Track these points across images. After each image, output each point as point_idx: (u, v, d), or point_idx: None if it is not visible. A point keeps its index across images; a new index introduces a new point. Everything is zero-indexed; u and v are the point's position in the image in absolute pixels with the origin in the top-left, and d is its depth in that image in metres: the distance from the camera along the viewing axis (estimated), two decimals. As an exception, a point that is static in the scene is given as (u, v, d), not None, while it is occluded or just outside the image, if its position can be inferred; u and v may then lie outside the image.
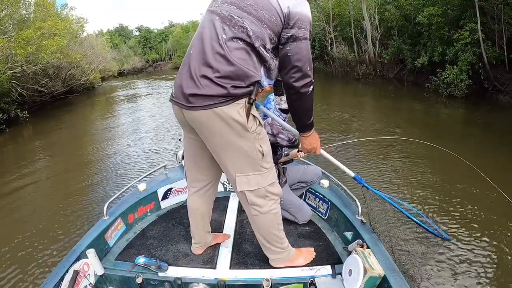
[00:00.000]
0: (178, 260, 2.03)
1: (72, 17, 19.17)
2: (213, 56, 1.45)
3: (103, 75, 27.53)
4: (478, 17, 9.37)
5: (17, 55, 10.60)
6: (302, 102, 1.60)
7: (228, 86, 1.44)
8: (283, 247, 1.89)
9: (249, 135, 1.56)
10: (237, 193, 1.75)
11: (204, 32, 1.52)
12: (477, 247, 3.09)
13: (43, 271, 3.22)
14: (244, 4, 1.48)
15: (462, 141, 6.37)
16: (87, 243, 2.00)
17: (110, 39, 48.71)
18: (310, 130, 1.76)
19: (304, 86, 1.53)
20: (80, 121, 12.36)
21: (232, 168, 1.64)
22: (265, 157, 1.64)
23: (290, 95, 1.59)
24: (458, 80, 9.59)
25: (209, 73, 1.44)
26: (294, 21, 1.47)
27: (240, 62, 1.44)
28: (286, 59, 1.51)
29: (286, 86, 1.58)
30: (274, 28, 1.48)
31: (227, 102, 1.46)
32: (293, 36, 1.48)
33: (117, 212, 2.34)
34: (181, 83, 1.53)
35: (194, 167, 1.89)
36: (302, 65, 1.49)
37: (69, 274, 1.77)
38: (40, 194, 5.34)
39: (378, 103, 11.08)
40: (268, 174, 1.68)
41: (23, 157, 7.79)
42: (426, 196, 4.05)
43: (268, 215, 1.75)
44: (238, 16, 1.47)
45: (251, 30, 1.45)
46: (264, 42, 1.48)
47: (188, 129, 1.70)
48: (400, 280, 1.61)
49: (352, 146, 5.86)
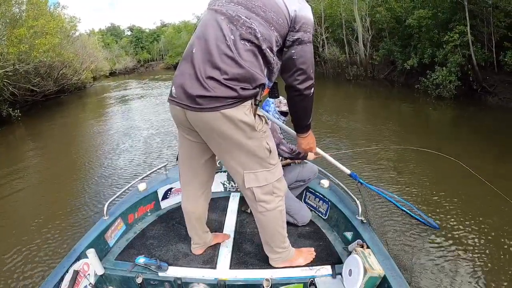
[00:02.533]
0: (178, 260, 2.03)
1: (64, 15, 19.01)
2: (220, 58, 1.42)
3: (95, 75, 27.27)
4: (468, 19, 9.55)
5: (10, 54, 10.50)
6: (305, 103, 1.63)
7: (238, 88, 1.43)
8: (285, 247, 1.90)
9: (257, 134, 1.57)
10: (243, 191, 1.73)
11: (208, 31, 1.49)
12: (465, 236, 3.21)
13: (42, 270, 3.19)
14: (252, 5, 1.47)
15: (453, 141, 6.51)
16: (87, 243, 1.99)
17: (101, 38, 48.37)
18: (308, 131, 1.82)
19: (308, 88, 1.57)
20: (72, 121, 12.28)
21: (240, 166, 1.64)
22: (272, 154, 1.66)
23: (293, 96, 1.61)
24: (447, 81, 9.76)
25: (217, 74, 1.42)
26: (300, 25, 1.49)
27: (249, 65, 1.44)
28: (290, 62, 1.54)
29: (289, 88, 1.60)
30: (280, 31, 1.49)
31: (236, 103, 1.45)
32: (299, 40, 1.50)
33: (117, 212, 2.34)
34: (183, 83, 1.50)
35: (189, 170, 1.87)
36: (306, 67, 1.53)
37: (69, 274, 1.77)
38: (36, 194, 5.33)
39: (369, 103, 11.23)
40: (275, 170, 1.70)
41: (16, 156, 7.75)
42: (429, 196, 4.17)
43: (274, 212, 1.75)
44: (246, 16, 1.45)
45: (259, 31, 1.44)
46: (271, 44, 1.49)
47: (187, 130, 1.67)
48: (400, 280, 1.61)
49: (346, 148, 5.96)
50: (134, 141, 7.86)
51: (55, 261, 3.25)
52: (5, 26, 10.96)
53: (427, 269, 2.76)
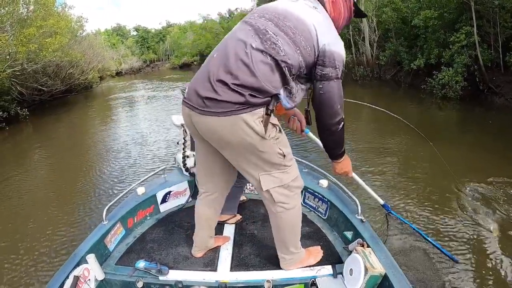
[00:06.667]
0: (179, 264, 2.03)
1: (71, 15, 19.15)
2: (236, 63, 1.42)
3: (101, 75, 27.40)
4: (474, 20, 9.49)
5: (19, 53, 10.61)
6: (333, 137, 1.63)
7: (246, 94, 1.41)
8: (299, 247, 1.90)
9: (267, 142, 1.55)
10: (261, 194, 1.73)
11: (232, 38, 1.51)
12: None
13: (43, 275, 3.18)
14: (283, 24, 1.46)
15: (459, 141, 6.50)
16: (87, 248, 1.99)
17: (108, 38, 48.65)
18: (342, 157, 1.78)
19: (335, 124, 1.56)
20: (78, 122, 12.35)
21: (254, 170, 1.63)
22: (286, 158, 1.64)
23: (320, 130, 1.62)
24: (453, 81, 9.72)
25: (228, 78, 1.41)
26: (329, 60, 1.47)
27: (262, 77, 1.41)
28: (318, 96, 1.53)
29: (317, 121, 1.60)
30: (306, 58, 1.47)
31: (244, 109, 1.43)
32: (327, 75, 1.48)
33: (116, 217, 2.33)
34: (196, 85, 1.51)
35: (205, 174, 1.90)
36: (333, 104, 1.51)
37: (69, 279, 1.76)
38: (39, 194, 5.36)
39: (375, 104, 11.11)
40: (291, 170, 1.69)
41: (23, 156, 7.84)
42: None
43: (293, 211, 1.75)
44: (273, 32, 1.44)
45: (283, 50, 1.42)
46: (292, 66, 1.46)
47: (198, 134, 1.66)
48: (401, 278, 1.62)
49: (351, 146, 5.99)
50: (141, 143, 7.91)
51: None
52: (13, 27, 11.08)
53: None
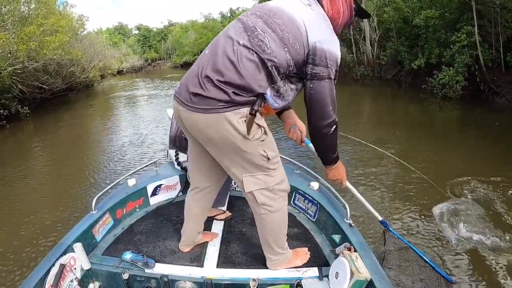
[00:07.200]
0: (165, 257, 2.02)
1: (73, 14, 19.20)
2: (222, 60, 1.40)
3: (103, 73, 27.41)
4: (475, 20, 9.48)
5: (20, 51, 10.63)
6: (325, 140, 1.57)
7: (230, 91, 1.38)
8: (286, 247, 1.88)
9: (250, 143, 1.50)
10: (245, 195, 1.70)
11: (224, 35, 1.50)
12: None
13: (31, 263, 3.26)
14: (272, 21, 1.43)
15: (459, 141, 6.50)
16: (74, 236, 1.96)
17: (109, 37, 48.71)
18: (335, 163, 1.72)
19: (325, 127, 1.49)
20: (79, 120, 12.36)
21: (237, 170, 1.60)
22: (270, 161, 1.59)
23: (311, 133, 1.56)
24: (453, 81, 9.71)
25: (213, 75, 1.40)
26: (320, 58, 1.42)
27: (247, 75, 1.39)
28: (307, 96, 1.48)
29: (308, 123, 1.55)
30: (294, 56, 1.43)
31: (228, 108, 1.41)
32: (318, 75, 1.44)
33: (105, 207, 2.30)
34: (187, 80, 1.51)
35: (197, 169, 1.88)
36: (324, 104, 1.46)
37: (55, 267, 1.74)
38: (38, 190, 5.41)
39: (375, 103, 11.20)
40: (276, 173, 1.65)
41: (24, 153, 7.88)
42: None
43: (277, 214, 1.72)
44: (261, 29, 1.41)
45: (270, 47, 1.39)
46: (280, 64, 1.42)
47: (185, 128, 1.63)
48: (386, 284, 1.61)
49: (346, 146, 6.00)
50: (140, 139, 7.95)
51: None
52: (14, 25, 11.09)
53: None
